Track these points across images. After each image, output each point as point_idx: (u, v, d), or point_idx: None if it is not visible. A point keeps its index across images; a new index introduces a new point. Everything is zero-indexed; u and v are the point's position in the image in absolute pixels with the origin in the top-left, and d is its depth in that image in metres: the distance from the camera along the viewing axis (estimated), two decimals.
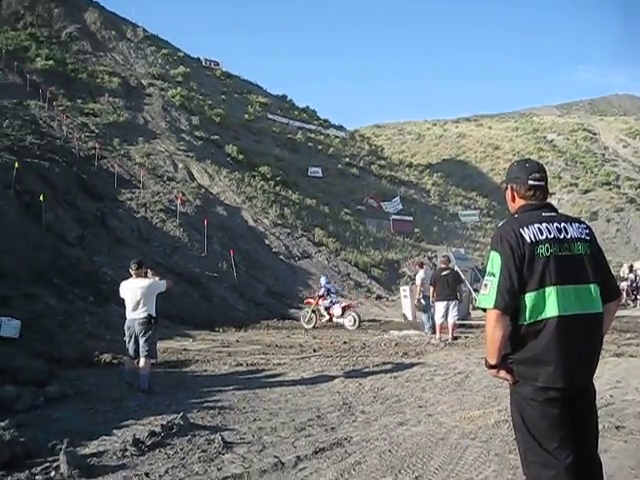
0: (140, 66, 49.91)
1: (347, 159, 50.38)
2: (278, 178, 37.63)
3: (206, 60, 60.86)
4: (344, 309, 19.19)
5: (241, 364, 11.23)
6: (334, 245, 31.02)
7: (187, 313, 19.49)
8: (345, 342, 14.46)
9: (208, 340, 15.53)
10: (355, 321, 18.86)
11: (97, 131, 34.10)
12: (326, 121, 61.55)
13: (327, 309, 19.33)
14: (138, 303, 9.03)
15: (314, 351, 13.04)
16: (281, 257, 28.22)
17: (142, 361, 8.92)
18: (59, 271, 19.27)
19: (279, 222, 31.36)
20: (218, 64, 61.13)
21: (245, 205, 31.86)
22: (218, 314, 20.15)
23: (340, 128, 61.87)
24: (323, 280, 20.74)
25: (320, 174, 43.96)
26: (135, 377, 9.16)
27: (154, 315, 9.14)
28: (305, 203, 35.70)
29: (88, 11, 54.45)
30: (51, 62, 40.29)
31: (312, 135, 53.09)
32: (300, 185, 39.44)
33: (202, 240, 25.24)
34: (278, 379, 9.88)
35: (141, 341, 8.96)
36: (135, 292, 9.05)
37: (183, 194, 28.65)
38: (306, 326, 19.15)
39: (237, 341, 15.22)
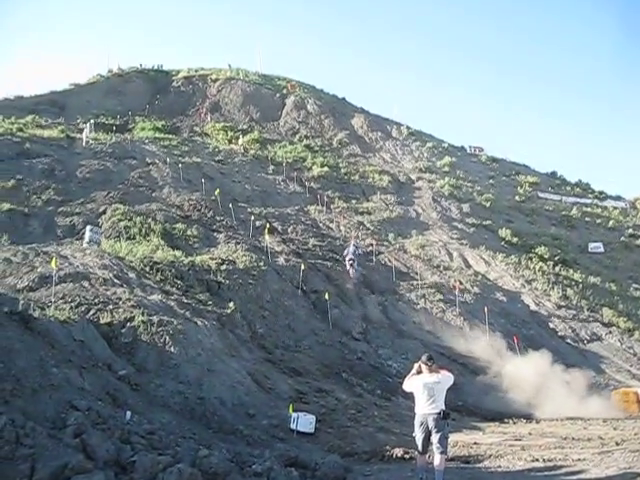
0: (407, 161, 52.00)
1: (630, 230, 46.89)
2: (557, 258, 36.06)
3: (470, 147, 61.60)
4: (351, 265, 27.50)
5: (537, 459, 10.63)
6: (625, 325, 28.59)
7: (474, 404, 19.12)
8: None
9: (498, 433, 14.94)
10: (353, 273, 27.44)
11: (372, 228, 35.74)
12: (602, 193, 58.29)
13: (350, 261, 27.73)
14: (432, 398, 9.03)
15: (616, 444, 11.85)
16: (568, 341, 26.67)
17: (437, 458, 8.82)
18: (347, 365, 20.16)
19: (562, 304, 29.85)
20: (482, 149, 61.52)
21: (525, 289, 30.90)
22: (506, 405, 19.44)
23: (618, 198, 58.11)
24: (352, 247, 28.36)
25: (601, 249, 41.39)
26: (428, 473, 9.09)
27: (446, 410, 9.08)
28: (589, 281, 33.64)
29: (355, 117, 58.73)
30: (326, 168, 43.98)
31: (588, 209, 50.47)
32: (581, 263, 37.41)
33: (484, 328, 24.86)
34: (580, 476, 9.19)
35: (435, 437, 8.89)
36: (429, 387, 9.08)
37: (460, 282, 28.64)
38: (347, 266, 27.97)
39: (529, 434, 14.44)
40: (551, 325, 27.77)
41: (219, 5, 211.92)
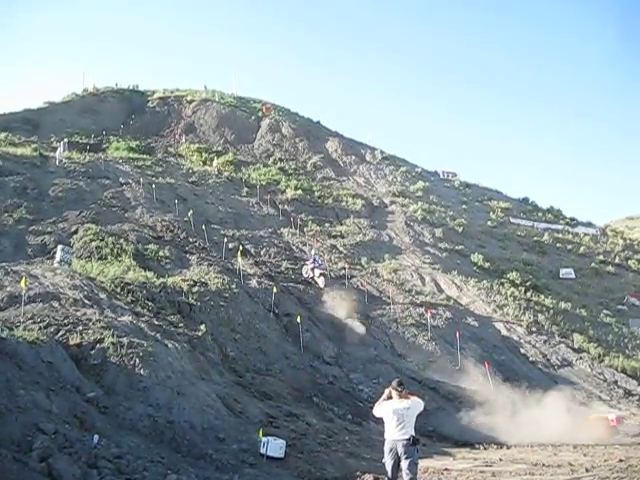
0: (381, 185, 52.29)
1: (600, 257, 47.49)
2: (528, 283, 36.36)
3: (443, 172, 62.08)
4: (320, 274, 28.98)
5: None
6: (596, 350, 28.84)
7: (445, 429, 19.07)
8: (621, 460, 13.06)
9: (469, 459, 14.90)
10: (324, 282, 28.79)
11: (345, 251, 35.81)
12: (573, 219, 58.94)
13: (312, 270, 29.31)
14: (401, 424, 8.98)
15: (586, 471, 11.89)
16: (539, 366, 26.81)
17: None
18: (318, 390, 20.03)
19: (534, 329, 30.03)
20: (456, 175, 62.05)
21: (496, 314, 31.06)
22: (477, 430, 19.43)
23: (589, 225, 58.78)
24: (313, 253, 31.06)
25: (572, 275, 41.86)
26: None
27: (416, 436, 9.04)
28: (560, 307, 33.93)
29: (329, 141, 58.99)
30: (299, 191, 44.14)
31: (559, 235, 51.06)
32: (552, 288, 37.75)
33: (455, 353, 24.90)
34: None
35: (405, 463, 8.84)
36: (399, 413, 9.04)
37: (432, 307, 28.73)
38: (305, 275, 29.52)
39: (500, 460, 14.41)
40: (522, 350, 27.92)
41: (196, 26, 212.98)
